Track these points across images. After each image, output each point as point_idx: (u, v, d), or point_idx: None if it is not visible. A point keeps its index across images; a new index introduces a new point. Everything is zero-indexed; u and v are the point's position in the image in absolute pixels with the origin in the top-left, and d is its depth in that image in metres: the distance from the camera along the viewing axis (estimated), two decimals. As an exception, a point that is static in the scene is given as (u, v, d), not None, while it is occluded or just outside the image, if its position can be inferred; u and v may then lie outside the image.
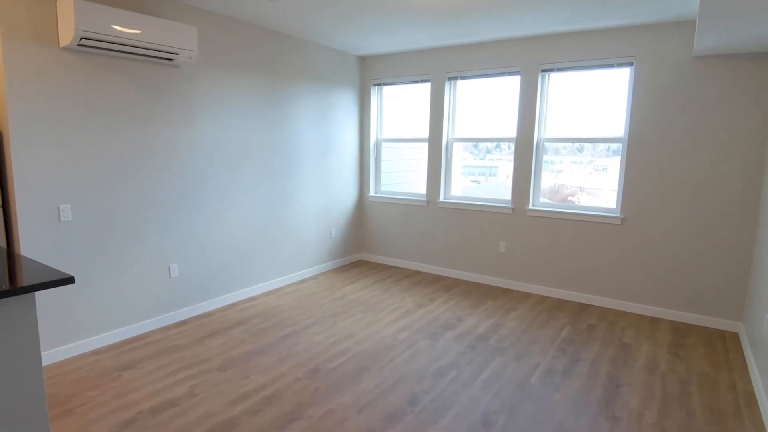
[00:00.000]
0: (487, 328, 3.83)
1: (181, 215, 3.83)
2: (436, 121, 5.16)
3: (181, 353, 3.29)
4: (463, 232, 5.13)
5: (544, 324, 3.94)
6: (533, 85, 4.52)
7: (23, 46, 2.83)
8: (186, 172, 3.83)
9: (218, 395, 2.75)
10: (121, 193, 3.41)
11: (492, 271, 5.00)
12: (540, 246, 4.67)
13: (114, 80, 3.28)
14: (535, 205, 4.71)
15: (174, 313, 3.86)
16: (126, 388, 2.82)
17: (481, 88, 5.00)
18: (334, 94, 5.24)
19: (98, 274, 3.34)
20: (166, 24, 3.27)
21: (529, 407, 2.67)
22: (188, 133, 3.80)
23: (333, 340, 3.54)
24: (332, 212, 5.45)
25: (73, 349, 3.24)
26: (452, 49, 4.96)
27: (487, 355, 3.34)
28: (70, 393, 2.76)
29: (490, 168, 5.23)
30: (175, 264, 3.84)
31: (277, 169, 4.65)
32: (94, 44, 2.98)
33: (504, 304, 4.42)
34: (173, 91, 3.66)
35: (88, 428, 2.41)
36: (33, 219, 2.97)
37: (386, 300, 4.47)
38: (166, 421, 2.48)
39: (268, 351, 3.34)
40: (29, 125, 2.91)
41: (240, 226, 4.34)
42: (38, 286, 1.58)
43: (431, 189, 5.29)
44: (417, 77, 5.26)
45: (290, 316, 4.01)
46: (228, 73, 4.06)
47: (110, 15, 2.97)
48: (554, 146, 4.60)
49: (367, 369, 3.10)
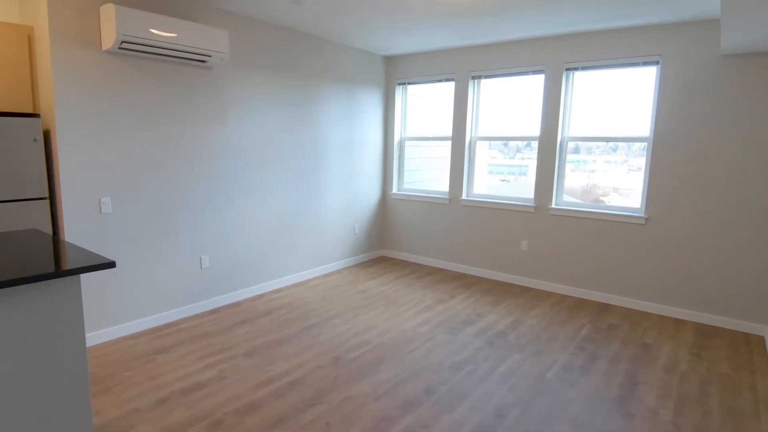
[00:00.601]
0: (506, 325, 3.88)
1: (212, 209, 4.02)
2: (460, 120, 5.21)
3: (211, 339, 3.47)
4: (485, 230, 5.17)
5: (564, 322, 3.95)
6: (557, 84, 4.53)
7: (69, 50, 3.05)
8: (217, 169, 4.01)
9: (245, 379, 2.90)
10: (156, 187, 3.61)
11: (513, 269, 5.03)
12: (562, 245, 4.67)
13: (151, 81, 3.48)
14: (558, 204, 4.71)
15: (205, 301, 4.06)
16: (159, 370, 3.01)
17: (504, 86, 5.02)
18: (359, 93, 5.36)
19: (135, 263, 3.55)
20: (199, 28, 3.44)
21: (543, 402, 2.72)
22: (219, 132, 3.99)
23: (354, 331, 3.66)
24: (356, 209, 5.57)
25: (111, 332, 3.46)
26: (476, 48, 5.00)
27: (504, 350, 3.39)
28: (108, 373, 2.96)
29: (520, 167, 5.24)
30: (206, 255, 4.03)
31: (303, 166, 4.80)
32: (134, 47, 3.18)
33: (524, 302, 4.45)
34: (206, 92, 3.84)
35: (124, 405, 2.60)
36: (76, 210, 3.19)
37: (407, 295, 4.56)
38: (195, 401, 2.65)
39: (292, 340, 3.49)
40: (74, 123, 3.13)
41: (267, 221, 4.51)
42: (83, 269, 1.74)
43: (454, 187, 5.35)
44: (441, 76, 5.33)
45: (314, 308, 4.15)
46: (257, 74, 4.22)
47: (148, 19, 3.16)
48: (587, 145, 4.58)
49: (387, 360, 3.20)
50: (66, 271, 1.70)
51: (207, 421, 2.46)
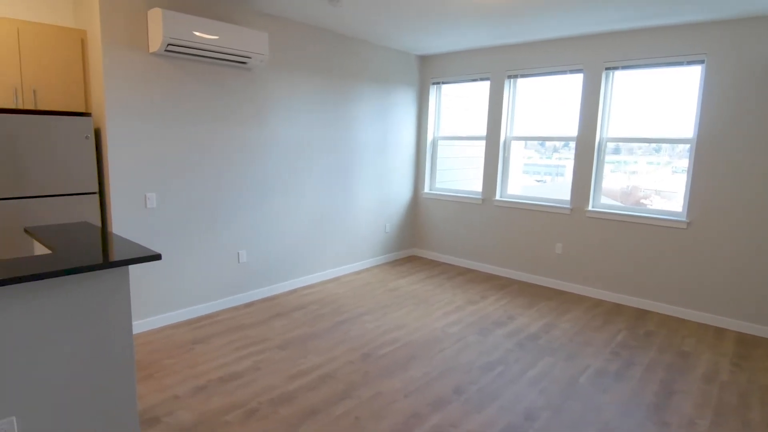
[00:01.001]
0: (538, 327, 3.84)
1: (250, 206, 4.15)
2: (495, 119, 5.17)
3: (247, 332, 3.59)
4: (518, 232, 5.12)
5: (599, 327, 3.87)
6: (596, 84, 4.43)
7: (119, 52, 3.21)
8: (255, 167, 4.13)
9: (278, 371, 2.99)
10: (198, 183, 3.76)
11: (547, 271, 4.96)
12: (599, 248, 4.57)
13: (194, 82, 3.62)
14: (596, 207, 4.61)
15: (242, 295, 4.19)
16: (198, 359, 3.14)
17: (541, 86, 4.95)
18: (393, 93, 5.40)
19: (177, 257, 3.71)
20: (240, 30, 3.56)
21: (574, 406, 2.69)
22: (258, 131, 4.11)
23: (384, 329, 3.71)
24: (387, 207, 5.62)
25: (154, 322, 3.62)
26: (513, 47, 4.95)
27: (536, 353, 3.36)
28: (151, 360, 3.11)
29: (557, 167, 5.16)
30: (244, 250, 4.16)
31: (337, 165, 4.88)
32: (178, 49, 3.32)
33: (558, 305, 4.39)
34: (245, 92, 3.96)
35: (165, 391, 2.73)
36: (124, 205, 3.36)
37: (438, 295, 4.58)
38: (231, 390, 2.75)
39: (324, 334, 3.56)
40: (122, 122, 3.29)
41: (302, 218, 4.62)
42: (132, 260, 1.85)
43: (487, 187, 5.31)
44: (476, 75, 5.30)
45: (345, 304, 4.22)
46: (293, 74, 4.32)
47: (192, 22, 3.29)
48: (628, 146, 4.46)
49: (416, 358, 3.23)
50: (116, 261, 1.81)
51: (243, 410, 2.55)
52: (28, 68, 3.03)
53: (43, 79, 3.10)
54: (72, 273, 1.67)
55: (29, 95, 3.05)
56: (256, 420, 2.47)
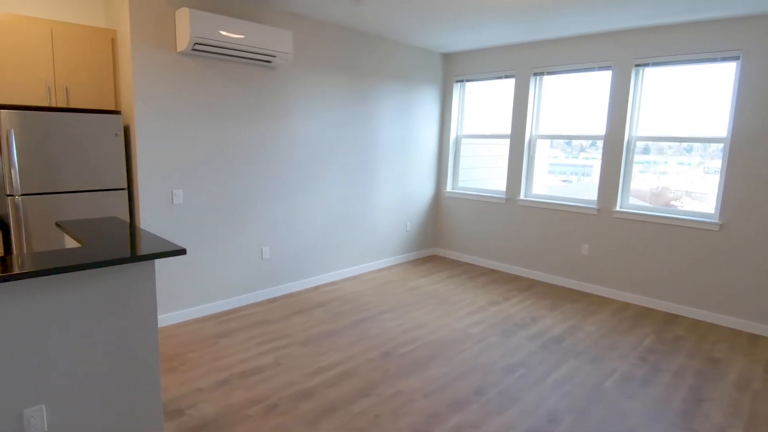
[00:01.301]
0: (563, 330, 3.76)
1: (273, 203, 4.19)
2: (520, 117, 5.09)
3: (270, 327, 3.62)
4: (543, 232, 5.03)
5: (626, 331, 3.78)
6: (625, 81, 4.32)
7: (148, 52, 3.28)
8: (278, 165, 4.17)
9: (299, 367, 3.01)
10: (223, 181, 3.81)
11: (572, 273, 4.86)
12: (626, 250, 4.46)
13: (219, 81, 3.68)
14: (624, 207, 4.50)
15: (265, 291, 4.24)
16: (221, 353, 3.18)
17: (568, 83, 4.85)
18: (415, 90, 5.37)
19: (202, 252, 3.77)
20: (265, 29, 3.59)
21: (599, 410, 2.63)
22: (281, 129, 4.14)
23: (405, 327, 3.69)
24: (408, 206, 5.60)
25: (179, 315, 3.69)
26: (538, 44, 4.87)
27: (560, 356, 3.30)
28: (175, 353, 3.17)
29: (584, 167, 5.04)
30: (267, 246, 4.20)
31: (358, 163, 4.89)
32: (205, 48, 3.37)
33: (583, 308, 4.30)
34: (269, 91, 4.00)
35: (189, 384, 2.78)
36: (151, 201, 3.44)
37: (459, 295, 4.54)
38: (254, 384, 2.78)
39: (344, 332, 3.57)
40: (150, 120, 3.36)
41: (323, 216, 4.64)
42: (158, 254, 1.89)
43: (511, 186, 5.24)
44: (501, 73, 5.23)
45: (366, 302, 4.22)
46: (317, 73, 4.34)
47: (219, 22, 3.33)
48: (658, 146, 4.33)
49: (436, 357, 3.21)
50: (143, 256, 1.85)
51: (264, 404, 2.58)
52: (61, 67, 3.12)
53: (75, 77, 3.19)
54: (99, 266, 1.71)
55: (62, 93, 3.14)
56: (276, 415, 2.49)
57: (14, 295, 1.60)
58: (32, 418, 1.66)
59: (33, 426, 1.67)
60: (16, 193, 2.90)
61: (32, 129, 2.92)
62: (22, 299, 1.61)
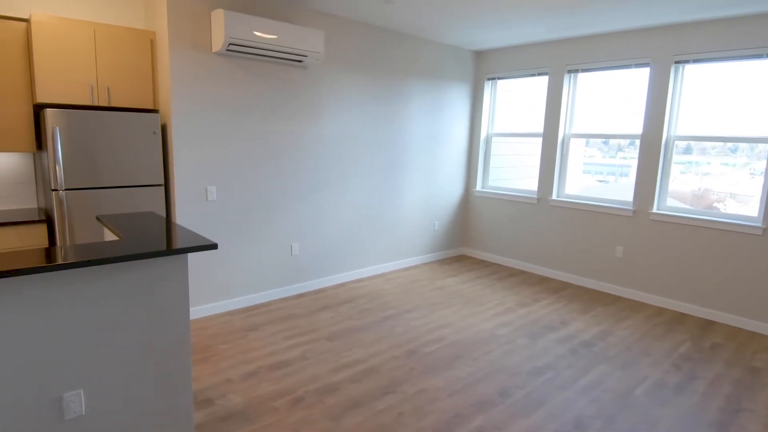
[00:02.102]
0: (593, 334, 3.68)
1: (303, 200, 4.26)
2: (553, 116, 4.99)
3: (297, 322, 3.69)
4: (575, 233, 4.92)
5: (660, 337, 3.66)
6: (664, 78, 4.17)
7: (185, 52, 3.39)
8: (307, 162, 4.23)
9: (324, 361, 3.06)
10: (255, 178, 3.90)
11: (605, 276, 4.73)
12: (663, 253, 4.31)
13: (252, 80, 3.76)
14: (661, 209, 4.35)
15: (293, 286, 4.32)
16: (251, 345, 3.27)
17: (603, 81, 4.72)
18: (445, 89, 5.34)
19: (235, 246, 3.87)
20: (297, 29, 3.65)
21: (628, 417, 2.56)
22: (311, 128, 4.20)
23: (430, 326, 3.69)
24: (436, 205, 5.57)
25: (211, 308, 3.81)
26: (573, 40, 4.75)
27: (589, 361, 3.23)
28: (206, 345, 3.27)
29: (621, 167, 4.89)
30: (296, 243, 4.28)
31: (386, 161, 4.90)
32: (239, 48, 3.45)
33: (616, 312, 4.18)
34: (300, 90, 4.06)
35: (219, 374, 2.86)
36: (186, 196, 3.55)
37: (487, 296, 4.49)
38: (281, 377, 2.84)
39: (370, 328, 3.60)
40: (187, 118, 3.47)
41: (351, 213, 4.68)
42: (190, 248, 1.95)
43: (543, 186, 5.14)
44: (534, 70, 5.13)
45: (392, 300, 4.24)
46: (346, 71, 4.38)
47: (252, 22, 3.41)
48: (701, 146, 4.16)
49: (462, 357, 3.19)
50: (177, 249, 1.92)
51: (290, 397, 2.63)
52: (103, 67, 3.26)
53: (116, 77, 3.33)
54: (135, 259, 1.79)
55: (103, 93, 3.28)
56: (302, 408, 2.54)
57: (57, 285, 1.69)
58: (71, 401, 1.75)
59: (72, 409, 1.76)
60: (60, 188, 3.05)
61: (76, 127, 3.07)
62: (63, 288, 1.70)
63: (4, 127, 3.08)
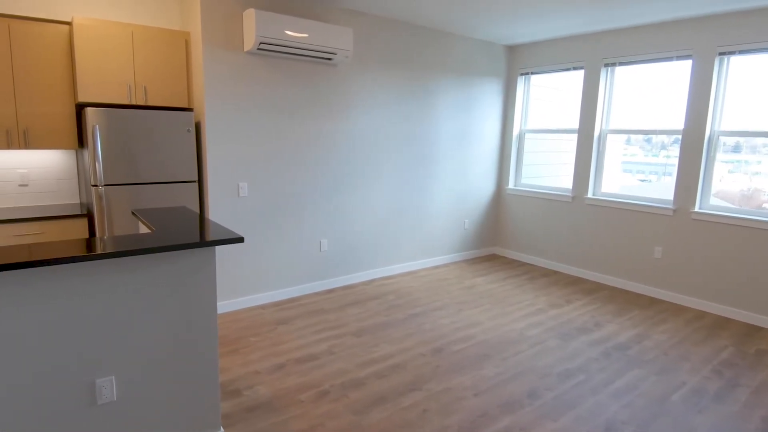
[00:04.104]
0: (628, 337, 3.55)
1: (331, 196, 4.29)
2: (588, 111, 4.84)
3: (326, 316, 3.72)
4: (612, 233, 4.76)
5: (700, 342, 3.50)
6: (707, 71, 3.97)
7: (217, 52, 3.47)
8: (336, 159, 4.26)
9: (352, 356, 3.07)
10: (285, 175, 3.96)
11: (643, 278, 4.56)
12: (704, 254, 4.11)
13: (283, 79, 3.81)
14: (703, 208, 4.15)
15: (322, 281, 4.36)
16: (280, 339, 3.32)
17: (642, 74, 4.54)
18: (476, 84, 5.26)
19: (265, 242, 3.94)
20: (327, 27, 3.67)
21: (663, 424, 2.45)
22: (339, 125, 4.23)
23: (458, 325, 3.65)
24: (467, 203, 5.50)
25: (243, 302, 3.89)
26: (610, 33, 4.59)
27: (623, 364, 3.12)
28: (238, 336, 3.34)
29: (665, 166, 4.69)
30: (326, 239, 4.31)
31: (415, 158, 4.87)
32: (270, 47, 3.51)
33: (653, 315, 4.02)
34: (330, 88, 4.09)
35: (248, 366, 2.92)
36: (219, 193, 3.64)
37: (517, 296, 4.41)
38: (308, 371, 2.88)
39: (397, 325, 3.59)
40: (219, 116, 3.55)
41: (380, 210, 4.68)
42: (218, 241, 2.00)
43: (578, 184, 5.00)
44: (569, 65, 4.99)
45: (420, 297, 4.21)
46: (375, 68, 4.38)
47: (283, 21, 3.45)
48: (751, 143, 3.94)
49: (489, 357, 3.14)
50: (204, 242, 1.97)
51: (316, 390, 2.66)
52: (140, 67, 3.38)
53: (152, 76, 3.44)
54: (165, 251, 1.84)
55: (140, 92, 3.40)
56: (328, 402, 2.55)
57: (93, 274, 1.76)
58: (103, 387, 1.82)
59: (104, 395, 1.83)
60: (99, 184, 3.18)
61: (114, 125, 3.19)
62: (99, 277, 1.77)
63: (48, 125, 3.24)
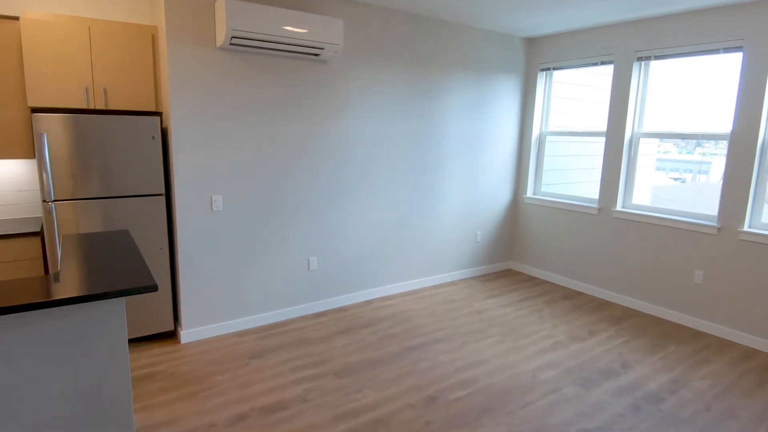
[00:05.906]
0: (662, 384, 2.97)
1: (321, 209, 3.83)
2: (618, 112, 4.23)
3: (309, 348, 3.28)
4: (644, 251, 4.15)
5: (750, 391, 2.89)
6: (762, 66, 3.33)
7: (186, 48, 3.04)
8: (326, 167, 3.80)
9: (327, 405, 2.61)
10: (267, 185, 3.52)
11: (680, 305, 3.94)
12: (754, 281, 3.48)
13: (262, 77, 3.36)
14: (754, 227, 3.52)
15: (312, 304, 3.91)
16: (249, 378, 2.89)
17: (682, 69, 3.91)
18: (490, 81, 4.70)
19: (244, 261, 3.52)
20: (311, 18, 3.20)
21: None
22: (330, 129, 3.76)
23: (460, 364, 3.14)
24: (479, 213, 4.95)
25: (219, 328, 3.48)
26: (644, 22, 3.97)
27: (656, 423, 2.56)
28: (204, 374, 2.93)
29: (700, 164, 4.06)
30: (314, 257, 3.86)
31: (419, 163, 4.36)
32: (244, 42, 3.06)
33: (693, 352, 3.42)
34: (318, 87, 3.62)
35: (204, 415, 2.50)
36: (189, 207, 3.23)
37: (533, 324, 3.86)
38: (271, 426, 2.43)
39: (389, 362, 3.11)
40: (188, 121, 3.13)
41: (379, 222, 4.20)
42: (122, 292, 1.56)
43: (606, 194, 4.40)
44: (597, 59, 4.38)
45: (420, 324, 3.72)
46: (371, 64, 3.88)
47: (258, 12, 3.00)
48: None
49: (492, 410, 2.63)
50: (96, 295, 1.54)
51: (273, 457, 2.21)
52: (99, 67, 2.99)
53: (114, 77, 3.05)
54: (50, 306, 1.42)
55: (100, 94, 3.01)
56: (285, 473, 2.10)
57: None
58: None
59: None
60: (48, 199, 2.81)
61: (66, 132, 2.81)
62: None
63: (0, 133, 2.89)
